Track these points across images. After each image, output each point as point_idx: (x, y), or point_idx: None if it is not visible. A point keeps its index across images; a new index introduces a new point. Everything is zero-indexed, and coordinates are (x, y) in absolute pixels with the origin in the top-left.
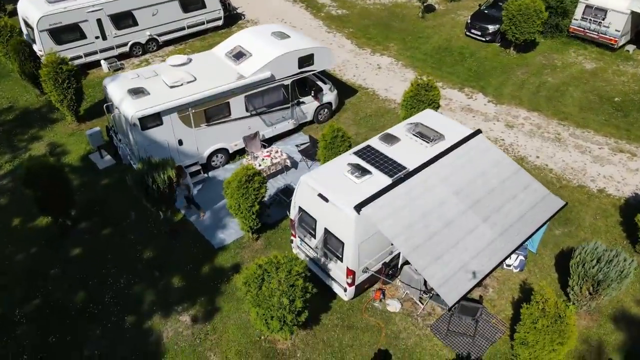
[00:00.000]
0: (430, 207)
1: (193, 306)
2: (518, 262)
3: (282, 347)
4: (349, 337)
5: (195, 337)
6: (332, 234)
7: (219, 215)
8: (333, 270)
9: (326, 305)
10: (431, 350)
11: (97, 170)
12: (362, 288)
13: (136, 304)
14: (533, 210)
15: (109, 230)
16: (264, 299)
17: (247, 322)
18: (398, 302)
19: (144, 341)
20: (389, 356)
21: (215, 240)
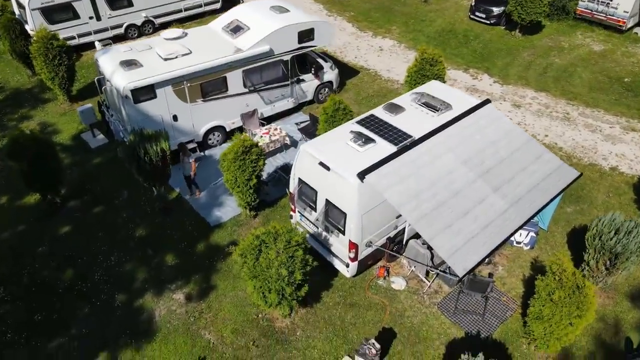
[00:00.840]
0: (438, 176)
1: (187, 284)
2: (529, 239)
3: (280, 325)
4: (351, 315)
5: (189, 315)
6: (333, 206)
7: (216, 194)
8: (335, 246)
9: (327, 283)
10: (438, 329)
11: (89, 149)
12: (365, 264)
13: (127, 282)
14: (546, 181)
15: (100, 209)
16: (261, 270)
17: (244, 299)
18: (403, 279)
19: (135, 320)
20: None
21: (211, 218)
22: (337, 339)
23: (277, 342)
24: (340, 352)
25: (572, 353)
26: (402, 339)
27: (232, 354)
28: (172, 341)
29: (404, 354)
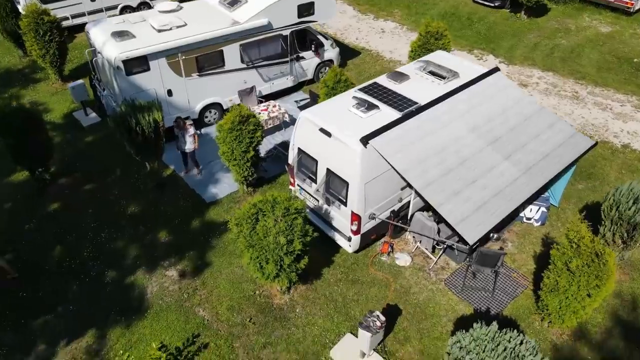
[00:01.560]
0: (445, 143)
1: (181, 261)
2: (539, 215)
3: (279, 302)
4: (353, 291)
5: (183, 292)
6: (335, 175)
7: (212, 171)
8: (336, 219)
9: (328, 259)
10: (446, 306)
11: (80, 127)
12: (368, 239)
13: (118, 259)
14: (559, 149)
15: (91, 186)
16: (258, 239)
17: (240, 276)
18: (408, 255)
19: (126, 296)
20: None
21: (207, 195)
22: (338, 315)
23: (275, 319)
24: (342, 329)
25: (587, 330)
26: (407, 316)
27: (228, 331)
28: (165, 318)
29: (410, 330)
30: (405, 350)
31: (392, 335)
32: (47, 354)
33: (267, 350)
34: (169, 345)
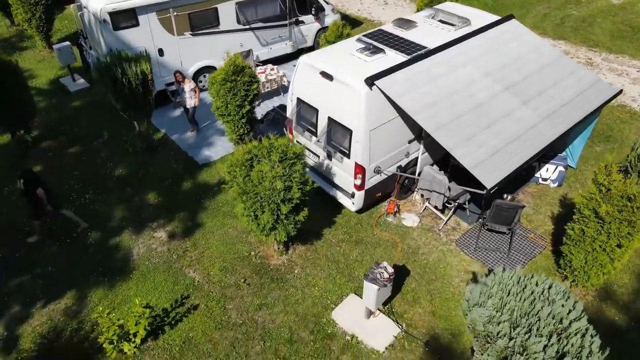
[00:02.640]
0: (457, 87)
1: (170, 222)
2: (557, 175)
3: (276, 262)
4: (357, 252)
5: (172, 253)
6: (337, 124)
7: (206, 134)
8: (338, 175)
9: (329, 220)
10: (458, 266)
11: (67, 92)
12: (373, 197)
13: (102, 221)
14: (581, 96)
15: (77, 149)
16: (252, 186)
17: (234, 237)
18: (416, 216)
19: (109, 258)
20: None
21: (200, 157)
22: (340, 276)
23: (272, 280)
24: (345, 290)
25: (613, 291)
26: (416, 277)
27: (220, 292)
28: (151, 279)
29: (419, 291)
30: (415, 312)
31: (400, 297)
32: (21, 315)
33: (263, 312)
34: (156, 306)
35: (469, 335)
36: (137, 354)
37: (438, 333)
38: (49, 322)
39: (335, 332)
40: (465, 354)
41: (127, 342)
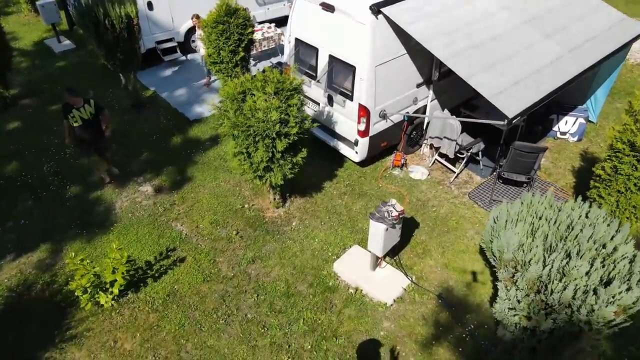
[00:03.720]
0: (473, 18)
1: (157, 177)
2: (577, 128)
3: (272, 215)
4: (360, 204)
5: (158, 206)
6: (339, 61)
7: (198, 92)
8: (340, 123)
9: (331, 173)
10: (471, 219)
11: (52, 54)
12: (378, 146)
13: (83, 174)
14: (607, 33)
15: (58, 106)
16: (245, 119)
17: (227, 191)
18: (425, 168)
19: (89, 211)
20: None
21: (191, 113)
22: (343, 228)
23: (267, 232)
24: (348, 242)
25: None
26: (425, 229)
27: (210, 246)
28: (134, 232)
29: (430, 244)
30: (425, 264)
31: (409, 249)
32: None
33: (257, 265)
34: (138, 259)
35: (486, 286)
36: (115, 307)
37: (452, 285)
38: (18, 275)
39: (337, 285)
40: (482, 306)
41: (104, 293)
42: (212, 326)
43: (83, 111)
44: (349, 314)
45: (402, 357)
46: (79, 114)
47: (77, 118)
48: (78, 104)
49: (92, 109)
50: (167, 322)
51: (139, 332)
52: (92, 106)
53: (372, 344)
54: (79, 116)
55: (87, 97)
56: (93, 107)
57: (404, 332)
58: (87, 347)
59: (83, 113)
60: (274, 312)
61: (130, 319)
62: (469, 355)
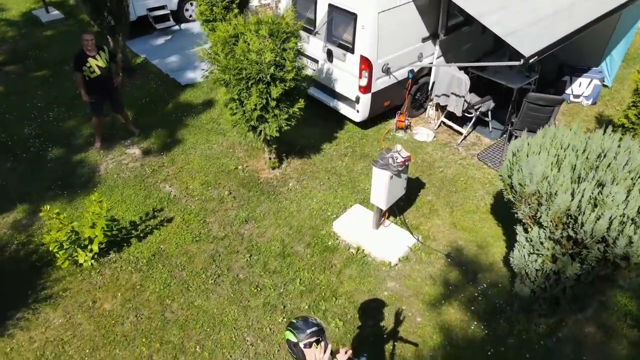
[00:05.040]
0: None
1: (146, 140)
2: (591, 90)
3: (267, 176)
4: (362, 165)
5: (146, 167)
6: (339, 10)
7: (191, 59)
8: (340, 81)
9: (330, 136)
10: (481, 179)
11: (40, 24)
12: (380, 105)
13: (66, 137)
14: None
15: (44, 73)
16: (236, 62)
17: (219, 152)
18: (430, 130)
19: (71, 172)
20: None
21: (183, 79)
22: (343, 189)
23: (261, 193)
24: (349, 203)
25: None
26: (432, 189)
27: (200, 206)
28: (119, 193)
29: (437, 204)
30: (432, 223)
31: (414, 209)
32: None
33: (250, 225)
34: (122, 219)
35: (499, 246)
36: (95, 266)
37: (461, 245)
38: None
39: (337, 245)
40: (495, 265)
41: (83, 250)
42: (201, 286)
43: (99, 59)
44: (350, 274)
45: (409, 318)
46: (95, 62)
47: (94, 67)
48: (92, 51)
49: (107, 55)
50: (151, 282)
51: (120, 292)
52: (106, 53)
53: (375, 304)
54: (95, 65)
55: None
56: (107, 54)
57: (410, 291)
58: (62, 307)
59: (100, 61)
60: (268, 272)
61: (112, 278)
62: (482, 315)
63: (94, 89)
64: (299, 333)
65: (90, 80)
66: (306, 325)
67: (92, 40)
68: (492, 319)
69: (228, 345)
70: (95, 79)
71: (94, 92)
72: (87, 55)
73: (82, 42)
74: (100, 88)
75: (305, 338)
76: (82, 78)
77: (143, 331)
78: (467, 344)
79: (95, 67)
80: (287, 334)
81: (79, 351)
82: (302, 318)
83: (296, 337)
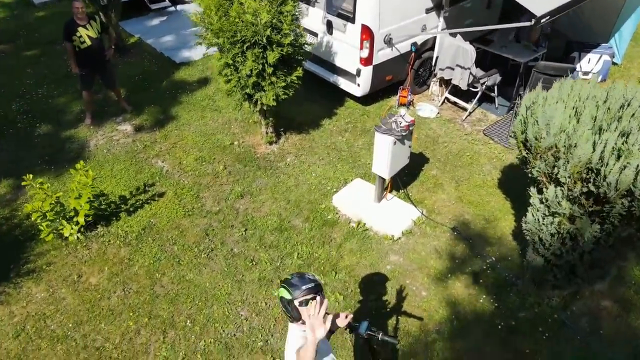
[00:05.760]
0: None
1: (139, 116)
2: (601, 66)
3: (264, 151)
4: (363, 141)
5: (137, 143)
6: None
7: (186, 39)
8: (340, 54)
9: (329, 112)
10: (488, 154)
11: (32, 4)
12: (382, 79)
13: (56, 113)
14: None
15: (35, 52)
16: (231, 24)
17: (214, 129)
18: (434, 106)
19: (59, 147)
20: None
21: (178, 57)
22: (343, 164)
23: (258, 168)
24: (350, 177)
25: None
26: (436, 164)
27: (193, 181)
28: (109, 168)
29: (441, 178)
30: (437, 198)
31: (418, 183)
32: None
33: (246, 200)
34: (111, 193)
35: (508, 220)
36: (82, 240)
37: (468, 219)
38: None
39: (337, 219)
40: (504, 239)
41: (68, 223)
42: (193, 260)
43: (90, 28)
44: (350, 248)
45: (412, 292)
46: (86, 32)
47: (85, 37)
48: (83, 20)
49: (98, 26)
50: (140, 256)
51: (107, 266)
52: (98, 23)
53: (377, 278)
54: (86, 35)
55: (91, 14)
56: (99, 24)
57: (414, 265)
58: (46, 281)
59: (91, 31)
60: (264, 246)
61: (99, 252)
62: (491, 288)
63: (84, 60)
64: (294, 290)
65: (81, 51)
66: (302, 281)
67: (82, 9)
68: (501, 292)
69: (221, 320)
70: (85, 50)
71: (84, 65)
72: (78, 24)
73: (73, 9)
74: (91, 60)
75: (301, 295)
76: (72, 49)
77: (131, 305)
78: (476, 318)
79: (85, 37)
80: (281, 291)
81: (62, 325)
82: (297, 274)
83: (291, 294)
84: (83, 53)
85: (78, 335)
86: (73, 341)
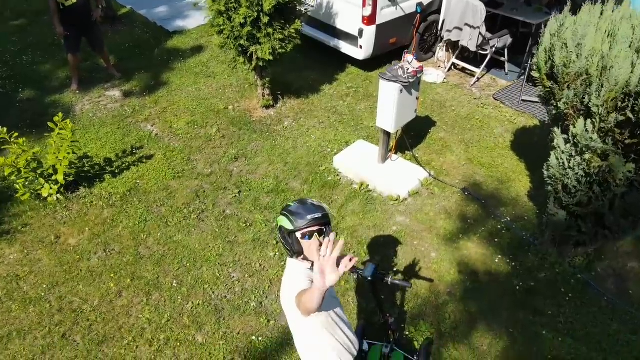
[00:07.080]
0: None
1: (128, 82)
2: None
3: (261, 115)
4: (365, 105)
5: (126, 107)
6: None
7: (180, 9)
8: (341, 16)
9: (330, 77)
10: (499, 117)
11: None
12: (385, 43)
13: (40, 79)
14: None
15: (22, 22)
16: None
17: (208, 94)
18: (440, 72)
19: (42, 113)
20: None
21: (171, 26)
22: (345, 127)
23: (254, 131)
24: (351, 139)
25: None
26: (444, 127)
27: (184, 144)
28: (94, 131)
29: (450, 140)
30: (446, 159)
31: (425, 146)
32: None
33: (240, 162)
34: (96, 156)
35: (522, 182)
36: (62, 201)
37: (479, 180)
38: None
39: (338, 181)
40: (519, 199)
41: (47, 182)
42: (182, 222)
43: None
44: (353, 209)
45: (421, 253)
46: None
47: None
48: None
49: None
50: (124, 217)
51: (88, 227)
52: None
53: (383, 240)
54: None
55: None
56: None
57: (422, 226)
58: (21, 242)
59: None
60: (259, 208)
61: (80, 214)
62: (507, 249)
63: (69, 20)
64: (297, 219)
65: (65, 9)
66: (306, 209)
67: None
68: (518, 252)
69: (211, 281)
70: (70, 8)
71: (69, 25)
72: None
73: None
74: (76, 20)
75: (305, 226)
76: (56, 6)
77: (112, 267)
78: (491, 279)
79: None
80: (281, 219)
81: (35, 287)
82: (300, 200)
83: (292, 224)
84: (68, 11)
85: (53, 297)
86: (47, 303)
